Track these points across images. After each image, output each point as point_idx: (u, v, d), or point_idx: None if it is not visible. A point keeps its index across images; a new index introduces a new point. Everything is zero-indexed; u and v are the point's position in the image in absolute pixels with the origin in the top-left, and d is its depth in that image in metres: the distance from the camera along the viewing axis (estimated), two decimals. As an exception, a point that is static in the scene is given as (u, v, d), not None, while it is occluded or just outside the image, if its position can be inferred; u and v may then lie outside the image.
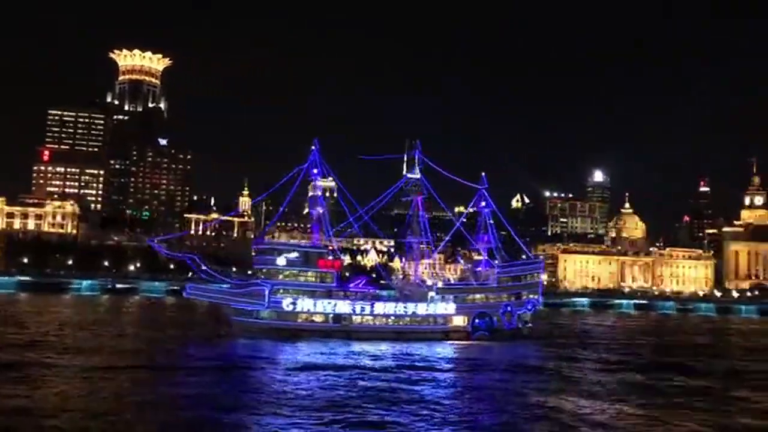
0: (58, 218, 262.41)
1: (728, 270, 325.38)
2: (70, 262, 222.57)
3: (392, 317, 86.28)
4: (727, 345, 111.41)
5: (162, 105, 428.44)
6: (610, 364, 72.26)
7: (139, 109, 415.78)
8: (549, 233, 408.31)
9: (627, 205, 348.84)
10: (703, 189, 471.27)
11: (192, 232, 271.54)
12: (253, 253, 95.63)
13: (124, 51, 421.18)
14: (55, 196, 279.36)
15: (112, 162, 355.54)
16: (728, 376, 66.93)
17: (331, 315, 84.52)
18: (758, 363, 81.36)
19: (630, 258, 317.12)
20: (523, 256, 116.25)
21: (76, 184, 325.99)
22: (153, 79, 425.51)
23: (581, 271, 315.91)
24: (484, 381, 58.47)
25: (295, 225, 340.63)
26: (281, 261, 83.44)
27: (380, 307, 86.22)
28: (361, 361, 65.59)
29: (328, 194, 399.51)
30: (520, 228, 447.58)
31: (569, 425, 41.54)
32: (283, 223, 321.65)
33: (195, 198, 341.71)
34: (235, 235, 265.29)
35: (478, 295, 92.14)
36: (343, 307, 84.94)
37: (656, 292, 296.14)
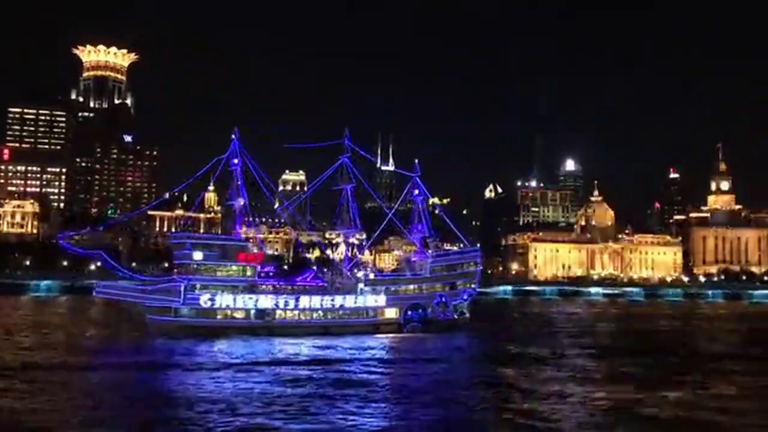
0: (18, 218, 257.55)
1: (696, 255, 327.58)
2: (28, 263, 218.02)
3: (320, 311, 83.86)
4: (674, 329, 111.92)
5: (128, 101, 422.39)
6: (548, 353, 71.40)
7: (105, 105, 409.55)
8: (521, 222, 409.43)
9: (596, 193, 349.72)
10: (673, 176, 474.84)
11: (157, 229, 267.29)
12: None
13: (88, 47, 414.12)
14: (15, 195, 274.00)
15: (78, 160, 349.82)
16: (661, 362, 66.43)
17: (253, 311, 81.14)
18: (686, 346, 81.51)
19: (599, 246, 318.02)
20: (461, 245, 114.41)
21: (38, 183, 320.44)
22: (118, 75, 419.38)
23: (551, 259, 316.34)
24: (405, 373, 57.30)
25: (265, 219, 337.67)
26: (198, 255, 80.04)
27: (305, 301, 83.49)
28: (279, 357, 63.98)
29: (298, 188, 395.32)
30: (494, 218, 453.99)
31: (505, 419, 40.89)
32: (255, 218, 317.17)
33: (167, 195, 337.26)
34: (201, 231, 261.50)
35: (410, 286, 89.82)
36: (265, 302, 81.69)
37: (625, 279, 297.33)
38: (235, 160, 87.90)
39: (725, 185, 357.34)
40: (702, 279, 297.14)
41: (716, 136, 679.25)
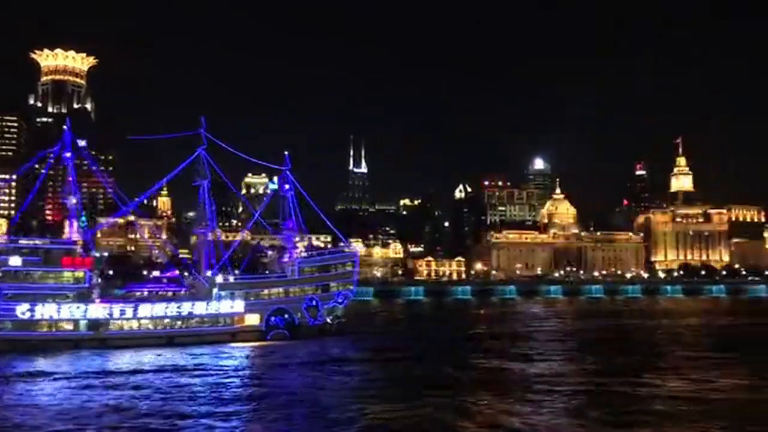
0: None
1: (657, 251, 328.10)
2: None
3: (166, 320, 76.44)
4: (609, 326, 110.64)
5: (88, 106, 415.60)
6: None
7: (64, 110, 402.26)
8: (488, 222, 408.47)
9: (558, 190, 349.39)
10: (639, 173, 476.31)
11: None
12: None
13: (46, 51, 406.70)
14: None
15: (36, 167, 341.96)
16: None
17: (84, 321, 73.39)
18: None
19: (561, 243, 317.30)
20: (341, 245, 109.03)
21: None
22: (77, 80, 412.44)
23: (514, 258, 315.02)
24: (250, 383, 54.17)
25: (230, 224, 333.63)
26: (15, 261, 72.97)
27: (146, 310, 75.99)
28: (104, 372, 58.22)
29: (261, 191, 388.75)
30: (462, 218, 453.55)
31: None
32: (222, 222, 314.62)
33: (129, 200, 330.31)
34: (146, 236, 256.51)
35: (273, 290, 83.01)
36: (96, 311, 73.95)
37: (585, 277, 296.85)
38: (68, 154, 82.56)
39: (686, 181, 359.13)
40: (662, 275, 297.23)
41: (683, 132, 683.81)
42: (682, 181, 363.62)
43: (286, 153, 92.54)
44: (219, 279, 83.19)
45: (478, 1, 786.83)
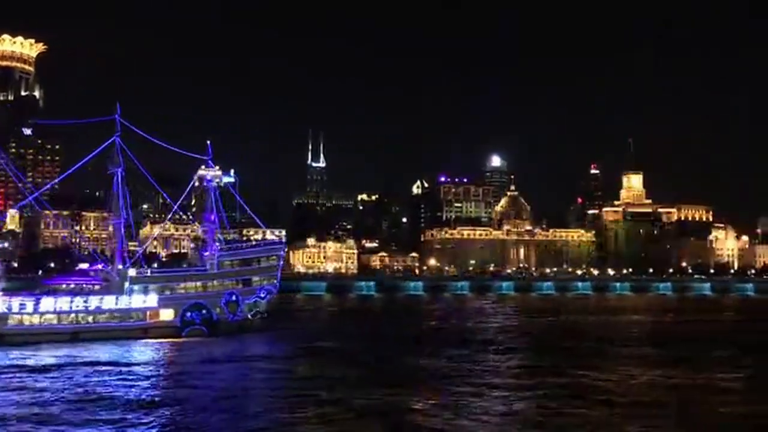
0: None
1: (608, 249, 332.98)
2: None
3: (72, 315, 72.44)
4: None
5: (36, 93, 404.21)
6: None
7: (11, 97, 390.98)
8: (444, 218, 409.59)
9: (513, 187, 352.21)
10: (593, 171, 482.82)
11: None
12: None
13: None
14: None
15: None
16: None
17: None
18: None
19: (514, 240, 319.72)
20: (269, 236, 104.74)
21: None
22: (26, 66, 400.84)
23: (468, 254, 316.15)
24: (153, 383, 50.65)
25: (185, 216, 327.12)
26: None
27: (49, 304, 71.97)
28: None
29: (215, 183, 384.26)
30: (419, 214, 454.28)
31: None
32: (180, 215, 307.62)
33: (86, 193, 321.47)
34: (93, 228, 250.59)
35: (190, 284, 79.46)
36: None
37: (537, 273, 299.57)
38: None
39: (636, 180, 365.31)
40: (611, 272, 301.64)
41: (635, 132, 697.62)
42: (632, 181, 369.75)
43: (208, 142, 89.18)
44: (132, 272, 79.45)
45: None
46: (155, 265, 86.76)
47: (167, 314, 77.27)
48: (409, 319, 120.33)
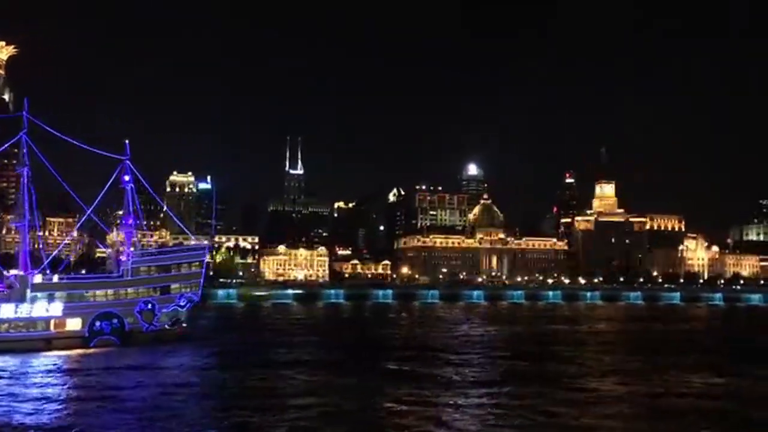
0: None
1: (579, 258, 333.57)
2: None
3: None
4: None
5: (6, 96, 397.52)
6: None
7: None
8: (418, 226, 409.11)
9: (486, 195, 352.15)
10: (568, 180, 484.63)
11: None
12: None
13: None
14: None
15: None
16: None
17: None
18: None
19: (486, 248, 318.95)
20: (192, 241, 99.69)
21: None
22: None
23: (440, 262, 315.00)
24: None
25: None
26: None
27: None
28: None
29: (187, 190, 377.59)
30: (394, 222, 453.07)
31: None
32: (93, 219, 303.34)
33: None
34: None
35: (100, 291, 75.29)
36: None
37: (509, 282, 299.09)
38: None
39: (609, 189, 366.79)
40: (582, 281, 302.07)
41: (609, 142, 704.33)
42: (605, 190, 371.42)
43: (126, 141, 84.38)
44: (38, 279, 75.33)
45: (415, 4, 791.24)
46: (84, 271, 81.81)
47: (74, 324, 73.07)
48: (354, 328, 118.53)
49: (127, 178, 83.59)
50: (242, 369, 60.15)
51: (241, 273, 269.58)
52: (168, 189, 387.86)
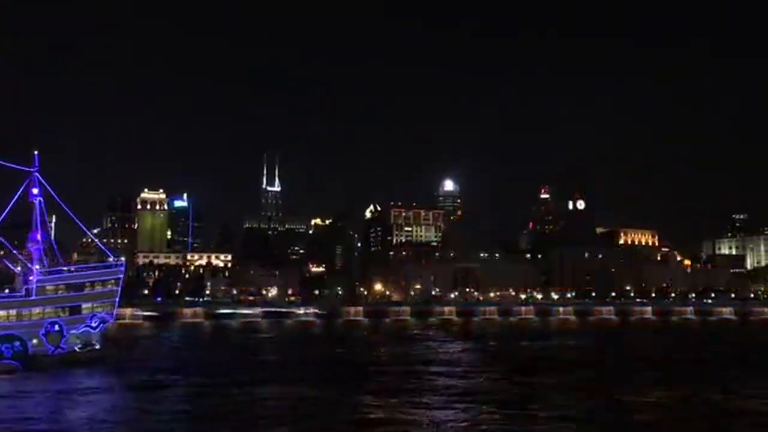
0: None
1: (552, 274, 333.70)
2: None
3: None
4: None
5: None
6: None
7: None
8: (393, 242, 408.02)
9: (459, 212, 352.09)
10: (543, 196, 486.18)
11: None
12: None
13: None
14: None
15: None
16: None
17: None
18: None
19: (460, 265, 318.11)
20: (110, 260, 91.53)
21: None
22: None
23: (413, 279, 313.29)
24: None
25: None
26: None
27: None
28: None
29: (158, 207, 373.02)
30: (369, 238, 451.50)
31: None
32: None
33: None
34: None
35: (0, 312, 70.70)
36: None
37: (482, 298, 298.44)
38: None
39: (581, 204, 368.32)
40: (555, 296, 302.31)
41: (584, 156, 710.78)
42: (579, 204, 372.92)
43: (35, 153, 79.91)
44: None
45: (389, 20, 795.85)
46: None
47: None
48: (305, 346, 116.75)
49: (35, 191, 79.44)
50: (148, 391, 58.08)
51: (207, 291, 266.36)
52: (139, 206, 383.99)
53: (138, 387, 61.72)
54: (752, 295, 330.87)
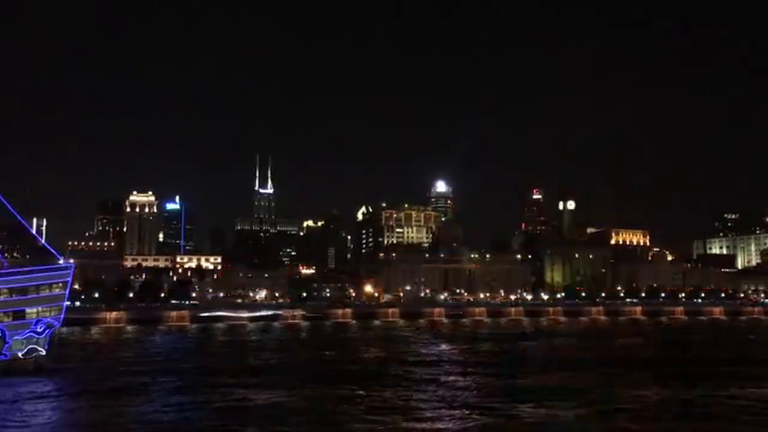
0: None
1: (544, 274, 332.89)
2: None
3: None
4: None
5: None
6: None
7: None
8: (385, 243, 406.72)
9: (450, 214, 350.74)
10: (535, 197, 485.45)
11: None
12: None
13: None
14: None
15: None
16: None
17: None
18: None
19: (451, 266, 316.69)
20: (61, 262, 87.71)
21: None
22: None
23: (404, 280, 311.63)
24: None
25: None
26: None
27: None
28: None
29: (147, 210, 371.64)
30: (361, 240, 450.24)
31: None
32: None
33: None
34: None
35: None
36: None
37: (473, 299, 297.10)
38: None
39: (571, 204, 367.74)
40: (545, 297, 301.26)
41: (577, 158, 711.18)
42: (569, 205, 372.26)
43: None
44: None
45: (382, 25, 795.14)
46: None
47: None
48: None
49: None
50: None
51: (194, 294, 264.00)
52: (128, 209, 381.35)
53: (83, 393, 59.88)
54: (742, 295, 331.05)
